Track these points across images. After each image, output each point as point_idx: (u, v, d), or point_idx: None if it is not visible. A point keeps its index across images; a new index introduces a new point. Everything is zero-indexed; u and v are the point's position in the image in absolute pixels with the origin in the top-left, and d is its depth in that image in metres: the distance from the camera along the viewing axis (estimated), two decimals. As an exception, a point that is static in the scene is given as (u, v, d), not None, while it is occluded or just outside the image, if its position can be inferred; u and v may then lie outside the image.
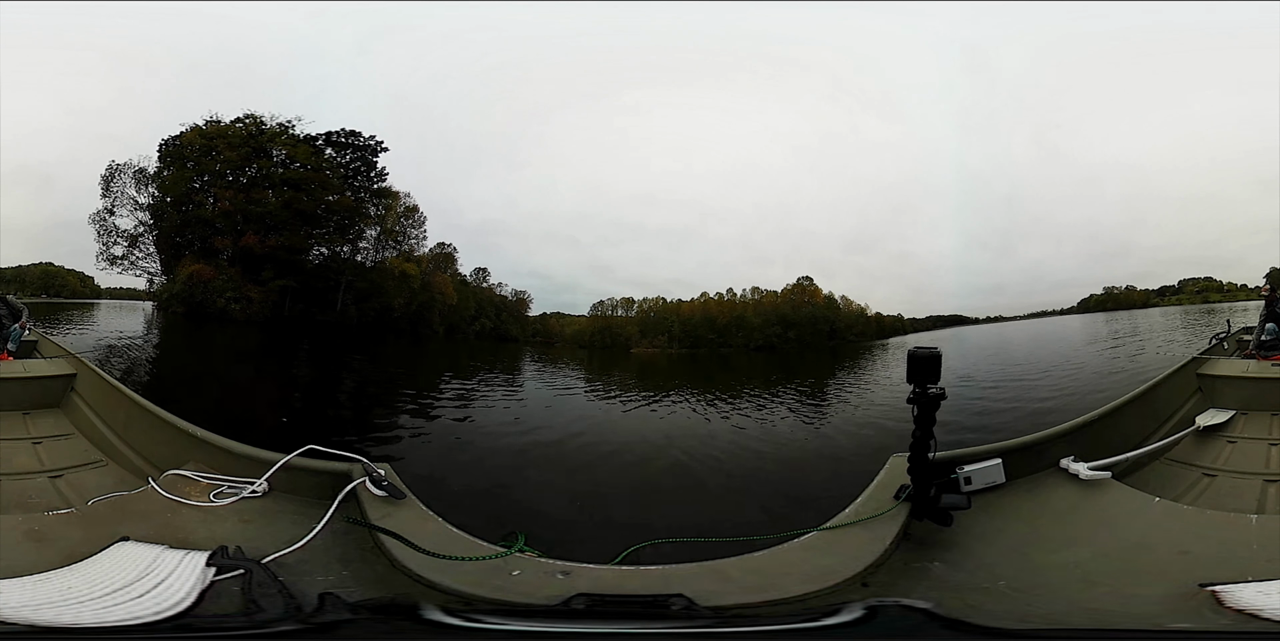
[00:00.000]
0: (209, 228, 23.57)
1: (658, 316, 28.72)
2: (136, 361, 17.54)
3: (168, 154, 23.62)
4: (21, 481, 4.17)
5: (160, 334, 22.15)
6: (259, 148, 24.01)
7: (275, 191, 23.93)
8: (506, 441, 13.25)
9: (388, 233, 25.93)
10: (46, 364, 6.03)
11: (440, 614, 2.23)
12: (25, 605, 2.11)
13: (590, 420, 16.91)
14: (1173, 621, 2.27)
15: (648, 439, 14.03)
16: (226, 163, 23.46)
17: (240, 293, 23.27)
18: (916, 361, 3.24)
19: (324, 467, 3.54)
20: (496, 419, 16.12)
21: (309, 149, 24.61)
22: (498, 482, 9.56)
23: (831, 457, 11.90)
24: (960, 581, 2.86)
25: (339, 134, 25.24)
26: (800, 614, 2.47)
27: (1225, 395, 5.18)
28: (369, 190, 25.64)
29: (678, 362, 26.97)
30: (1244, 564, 2.65)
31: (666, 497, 9.35)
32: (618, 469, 11.44)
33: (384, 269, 25.63)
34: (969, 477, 3.63)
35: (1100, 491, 3.67)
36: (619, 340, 28.06)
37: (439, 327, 26.64)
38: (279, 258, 23.72)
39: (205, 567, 2.49)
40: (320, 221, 24.74)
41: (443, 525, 3.18)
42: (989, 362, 21.11)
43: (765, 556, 2.99)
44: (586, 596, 2.54)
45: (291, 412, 13.52)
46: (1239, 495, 4.05)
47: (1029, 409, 14.09)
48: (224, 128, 23.89)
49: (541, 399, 19.56)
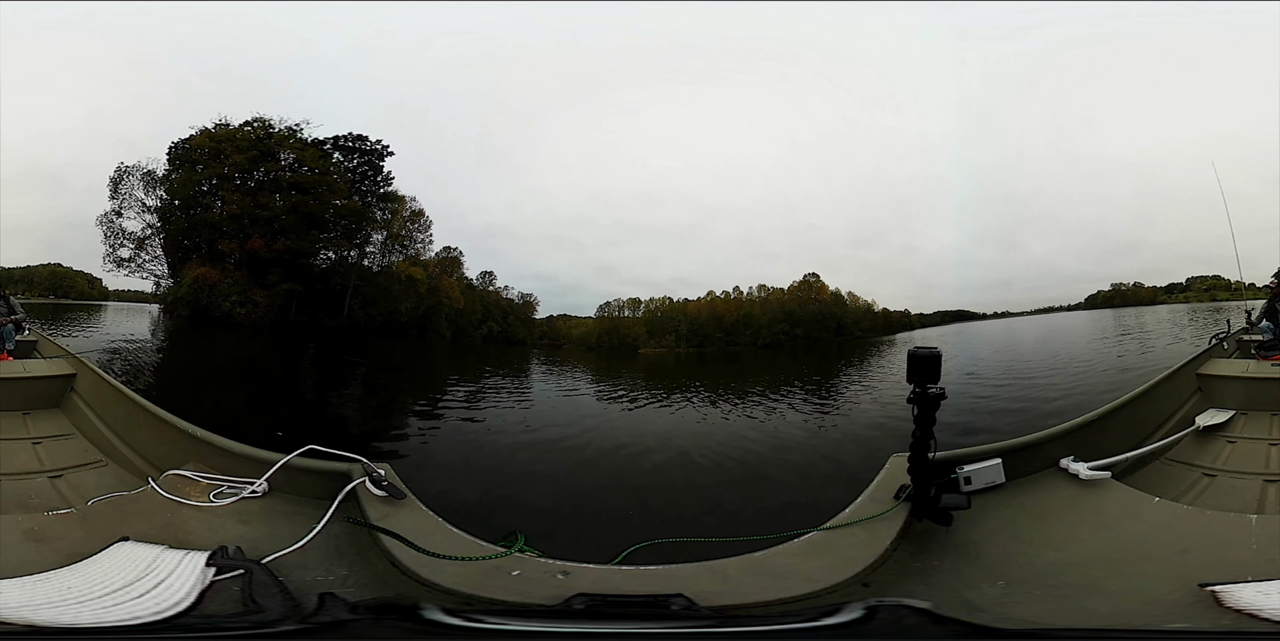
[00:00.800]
0: (216, 231, 23.47)
1: (664, 316, 28.70)
2: (140, 366, 17.41)
3: (177, 157, 23.59)
4: (21, 481, 4.18)
5: (164, 337, 21.99)
6: (267, 151, 23.90)
7: (283, 195, 23.84)
8: (513, 441, 13.21)
9: (394, 237, 25.87)
10: (46, 364, 6.03)
11: (440, 614, 2.22)
12: (25, 605, 2.11)
13: (597, 420, 16.83)
14: (1172, 621, 2.27)
15: (665, 440, 13.88)
16: (234, 166, 23.37)
17: (246, 296, 23.10)
18: (916, 361, 3.24)
19: (324, 468, 3.54)
20: (506, 419, 16.01)
21: (317, 152, 24.55)
22: (514, 483, 9.51)
23: (842, 458, 11.81)
24: (960, 581, 2.86)
25: (346, 138, 25.26)
26: (800, 614, 2.47)
27: (1225, 395, 5.19)
28: (375, 194, 25.59)
29: (685, 362, 26.89)
30: (1244, 564, 2.65)
31: (697, 499, 9.23)
32: (651, 470, 11.35)
33: (391, 273, 25.54)
34: (969, 477, 3.64)
35: (1100, 491, 3.67)
36: (626, 341, 28.01)
37: (446, 331, 26.55)
38: (285, 261, 23.55)
39: (205, 568, 2.49)
40: (328, 225, 24.65)
41: (443, 525, 3.18)
42: (998, 360, 20.89)
43: (765, 556, 3.00)
44: (586, 596, 2.54)
45: (295, 421, 13.37)
46: (1239, 495, 4.05)
47: (1043, 409, 13.90)
48: (232, 131, 23.83)
49: (549, 401, 19.47)
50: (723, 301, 28.57)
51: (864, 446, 12.20)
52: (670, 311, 28.77)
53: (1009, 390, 16.57)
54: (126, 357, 17.52)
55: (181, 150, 23.58)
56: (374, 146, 25.46)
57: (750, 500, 8.86)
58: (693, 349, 27.58)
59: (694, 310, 28.52)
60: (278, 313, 23.45)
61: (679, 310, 28.72)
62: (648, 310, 28.88)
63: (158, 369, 17.68)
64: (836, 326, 28.34)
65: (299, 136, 24.43)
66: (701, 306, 28.54)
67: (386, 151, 25.56)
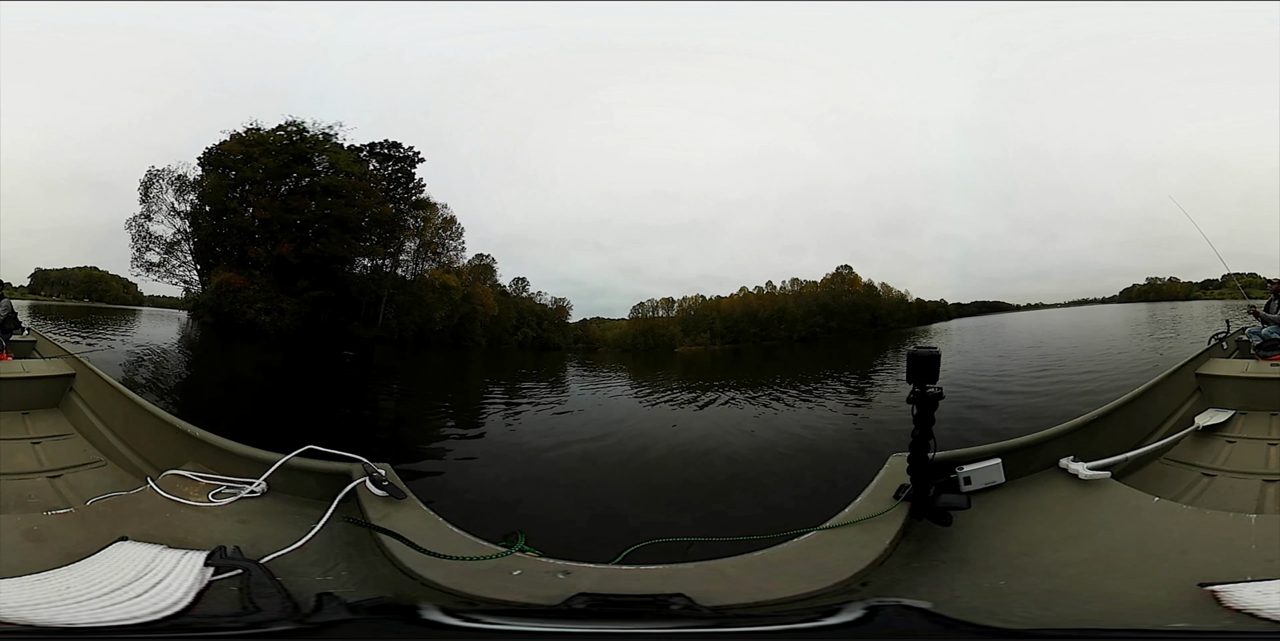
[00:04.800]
0: (246, 236, 23.01)
1: (698, 314, 28.45)
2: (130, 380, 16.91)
3: (208, 161, 23.39)
4: (20, 481, 4.17)
5: (181, 346, 21.46)
6: (300, 154, 23.54)
7: (317, 199, 23.43)
8: (560, 450, 12.72)
9: (427, 244, 25.61)
10: (45, 364, 6.03)
11: (440, 614, 2.22)
12: (24, 605, 2.11)
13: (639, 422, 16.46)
14: (1172, 621, 2.27)
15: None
16: (266, 170, 23.04)
17: (272, 303, 22.36)
18: (915, 361, 3.24)
19: (323, 468, 3.54)
20: (545, 427, 15.56)
21: (351, 156, 24.25)
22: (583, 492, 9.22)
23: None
24: (959, 581, 2.86)
25: (381, 145, 25.00)
26: (800, 614, 2.47)
27: (1224, 395, 5.19)
28: (408, 201, 25.31)
29: (720, 359, 26.64)
30: (1243, 564, 2.65)
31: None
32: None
33: (425, 281, 25.20)
34: (968, 477, 3.63)
35: (1099, 491, 3.67)
36: (662, 341, 27.74)
37: (481, 339, 26.24)
38: (317, 267, 22.89)
39: (203, 567, 2.48)
40: (363, 232, 24.28)
41: (443, 525, 3.18)
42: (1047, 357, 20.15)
43: (765, 556, 3.00)
44: (587, 596, 2.54)
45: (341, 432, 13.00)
46: (1238, 495, 4.05)
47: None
48: (264, 135, 23.55)
49: (592, 404, 19.10)
50: (756, 296, 28.37)
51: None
52: (703, 309, 28.56)
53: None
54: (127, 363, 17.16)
55: (214, 155, 23.36)
56: (406, 153, 25.32)
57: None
58: (728, 346, 27.37)
59: (727, 307, 28.29)
60: (304, 321, 22.69)
61: (711, 307, 28.50)
62: (681, 309, 28.68)
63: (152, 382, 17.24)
64: (870, 318, 28.11)
65: (334, 141, 24.19)
66: (735, 302, 28.30)
67: (418, 158, 25.40)
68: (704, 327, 27.97)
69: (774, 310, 27.85)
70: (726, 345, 27.41)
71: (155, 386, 15.70)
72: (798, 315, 27.66)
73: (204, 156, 23.44)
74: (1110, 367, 16.67)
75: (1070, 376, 16.50)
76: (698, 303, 28.60)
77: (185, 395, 15.93)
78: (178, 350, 20.88)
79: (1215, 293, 26.59)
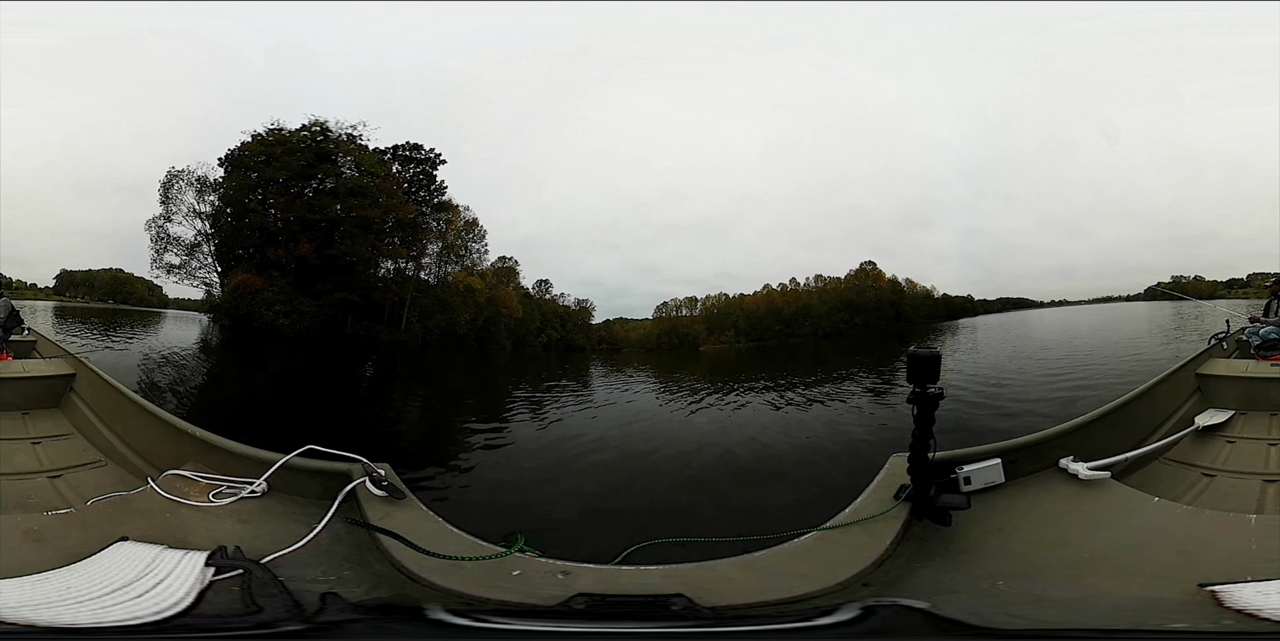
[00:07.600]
0: (267, 237, 22.61)
1: (721, 312, 28.24)
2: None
3: (229, 162, 23.18)
4: (21, 481, 4.17)
5: (196, 351, 21.21)
6: (324, 154, 23.25)
7: (341, 200, 23.14)
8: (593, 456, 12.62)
9: (449, 247, 25.42)
10: (45, 364, 6.03)
11: (441, 614, 2.23)
12: (24, 605, 2.11)
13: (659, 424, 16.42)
14: (1172, 621, 2.27)
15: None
16: (287, 169, 22.72)
17: (291, 306, 21.86)
18: (916, 361, 3.25)
19: (324, 468, 3.54)
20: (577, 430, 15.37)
21: (374, 157, 24.00)
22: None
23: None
24: (959, 581, 2.86)
25: (403, 147, 24.79)
26: (800, 614, 2.47)
27: (1224, 395, 5.19)
28: (430, 204, 25.09)
29: (745, 357, 26.44)
30: (1243, 564, 2.65)
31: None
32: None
33: (448, 284, 24.96)
34: (968, 477, 3.64)
35: (1099, 491, 3.68)
36: (687, 340, 27.53)
37: (506, 342, 26.02)
38: (339, 268, 22.47)
39: (204, 567, 2.48)
40: (386, 234, 24.02)
41: (443, 525, 3.18)
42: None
43: (765, 556, 3.00)
44: (587, 596, 2.54)
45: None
46: (1238, 495, 4.05)
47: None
48: (287, 135, 23.28)
49: (619, 405, 19.10)
50: (779, 294, 28.24)
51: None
52: (726, 307, 28.35)
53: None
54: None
55: (236, 157, 23.14)
56: (428, 155, 25.14)
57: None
58: (752, 343, 27.22)
59: (750, 304, 28.14)
60: (324, 324, 22.18)
61: (735, 305, 28.31)
62: (704, 308, 28.46)
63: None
64: (895, 313, 27.93)
65: (358, 142, 23.95)
66: (758, 300, 28.16)
67: (440, 160, 25.20)
68: (728, 326, 27.79)
69: (798, 307, 27.71)
70: (750, 343, 27.23)
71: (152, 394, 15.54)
72: (821, 312, 27.52)
73: (224, 157, 23.33)
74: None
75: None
76: (721, 301, 28.39)
77: (196, 401, 15.83)
78: (195, 353, 20.70)
79: (1240, 292, 26.31)
